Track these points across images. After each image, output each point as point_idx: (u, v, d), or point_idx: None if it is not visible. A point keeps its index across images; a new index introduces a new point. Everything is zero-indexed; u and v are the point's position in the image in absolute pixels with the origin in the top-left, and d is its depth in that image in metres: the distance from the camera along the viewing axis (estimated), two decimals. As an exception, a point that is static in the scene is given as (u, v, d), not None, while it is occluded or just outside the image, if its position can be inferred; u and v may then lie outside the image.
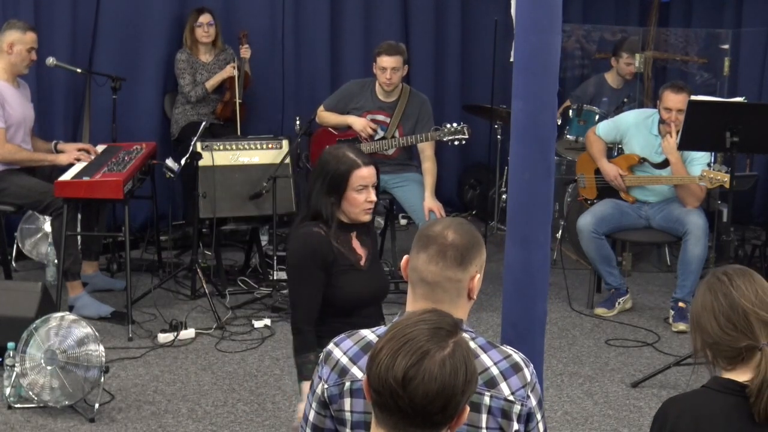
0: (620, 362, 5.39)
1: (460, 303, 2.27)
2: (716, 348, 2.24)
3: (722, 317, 2.21)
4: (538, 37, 3.09)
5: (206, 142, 6.20)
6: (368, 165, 3.40)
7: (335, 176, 3.37)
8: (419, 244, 2.28)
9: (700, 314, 2.26)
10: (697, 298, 2.28)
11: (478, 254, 2.29)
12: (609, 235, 6.08)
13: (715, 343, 2.23)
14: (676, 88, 5.87)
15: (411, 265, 2.29)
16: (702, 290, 2.28)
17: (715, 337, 2.23)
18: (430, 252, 2.25)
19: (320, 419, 2.28)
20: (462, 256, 2.24)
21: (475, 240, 2.29)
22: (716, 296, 2.24)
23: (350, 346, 2.27)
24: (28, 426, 4.49)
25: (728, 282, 2.24)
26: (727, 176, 5.57)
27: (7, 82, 5.82)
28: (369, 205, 3.40)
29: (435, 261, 2.24)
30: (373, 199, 3.41)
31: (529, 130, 3.12)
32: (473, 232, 2.31)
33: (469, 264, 2.25)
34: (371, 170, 3.40)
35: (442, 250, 2.24)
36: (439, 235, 2.26)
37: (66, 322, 4.61)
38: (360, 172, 3.37)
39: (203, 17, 6.98)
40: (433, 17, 8.32)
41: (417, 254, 2.27)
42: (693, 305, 2.30)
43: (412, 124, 6.24)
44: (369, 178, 3.39)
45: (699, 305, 2.27)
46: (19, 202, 5.79)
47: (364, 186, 3.38)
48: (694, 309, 2.28)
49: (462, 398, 1.75)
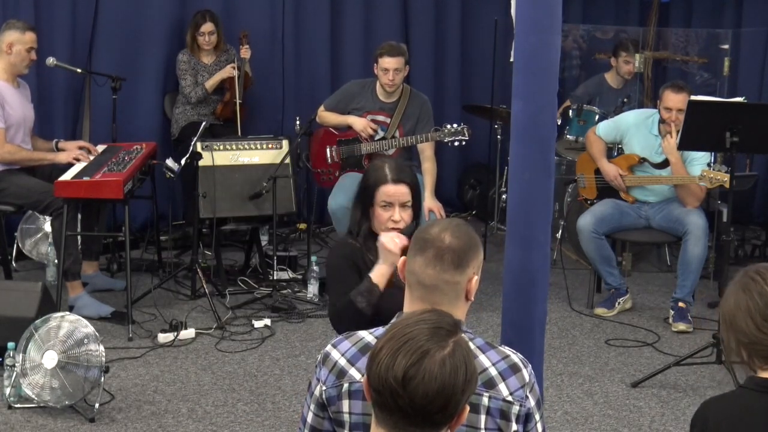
0: (620, 362, 5.38)
1: (458, 305, 2.27)
2: (752, 348, 2.21)
3: (759, 316, 2.18)
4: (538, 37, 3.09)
5: (206, 142, 6.20)
6: (397, 182, 3.27)
7: (365, 188, 3.31)
8: (416, 247, 2.28)
9: (735, 314, 2.22)
10: (729, 297, 2.25)
11: (475, 256, 2.29)
12: (609, 235, 6.08)
13: (751, 343, 2.20)
14: (676, 87, 5.87)
15: (408, 268, 2.28)
16: (735, 290, 2.24)
17: (752, 337, 2.20)
18: (427, 255, 2.24)
19: (318, 421, 2.28)
20: (459, 259, 2.24)
21: (472, 242, 2.29)
22: (751, 295, 2.20)
23: (348, 348, 2.27)
24: (28, 426, 4.49)
25: (762, 281, 2.21)
26: (727, 176, 5.57)
27: (6, 82, 5.82)
28: (392, 225, 3.27)
29: (432, 264, 2.23)
30: (396, 219, 3.26)
31: (529, 130, 3.12)
32: (470, 234, 2.31)
33: (466, 266, 2.25)
34: (400, 188, 3.27)
35: (440, 253, 2.23)
36: (436, 238, 2.26)
37: (66, 322, 4.61)
38: (386, 188, 3.26)
39: (205, 26, 6.96)
40: (433, 17, 8.32)
41: (414, 257, 2.27)
42: (725, 305, 2.26)
43: (412, 125, 6.24)
44: (395, 196, 3.26)
45: (732, 305, 2.23)
46: (19, 202, 5.79)
47: (389, 203, 3.27)
48: (726, 309, 2.25)
49: (462, 398, 1.75)
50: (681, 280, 5.90)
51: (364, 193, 3.30)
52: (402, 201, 3.27)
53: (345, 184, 6.23)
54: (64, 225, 5.51)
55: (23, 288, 5.16)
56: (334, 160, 6.37)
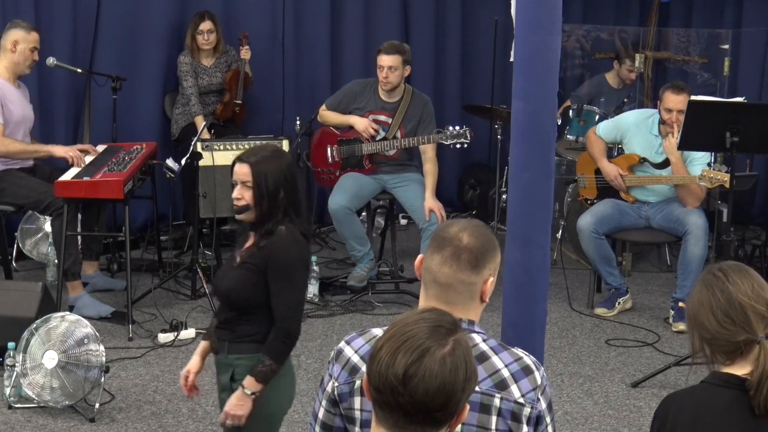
0: (620, 362, 5.39)
1: (473, 305, 2.27)
2: (714, 343, 2.25)
3: (720, 312, 2.23)
4: (538, 37, 3.09)
5: (206, 142, 6.20)
6: (243, 162, 3.27)
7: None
8: (434, 245, 2.27)
9: (698, 311, 2.27)
10: (693, 295, 2.29)
11: (493, 258, 2.28)
12: (609, 235, 6.08)
13: (713, 339, 2.24)
14: (676, 88, 5.87)
15: (425, 266, 2.28)
16: (698, 287, 2.29)
17: (714, 333, 2.24)
18: (444, 254, 2.24)
19: (330, 417, 2.28)
20: (476, 260, 2.24)
21: (490, 243, 2.29)
22: (713, 292, 2.24)
23: (361, 345, 2.27)
24: (28, 426, 4.49)
25: (724, 277, 2.25)
26: (727, 176, 5.57)
27: (7, 81, 5.82)
28: (235, 202, 3.29)
29: (449, 263, 2.23)
30: (235, 196, 3.27)
31: (529, 130, 3.11)
32: (489, 236, 2.30)
33: (483, 267, 2.25)
34: (242, 167, 3.26)
35: (457, 252, 2.23)
36: (454, 237, 2.25)
37: (66, 322, 4.61)
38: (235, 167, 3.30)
39: (204, 25, 6.96)
40: (433, 17, 8.32)
41: (431, 255, 2.26)
42: (689, 302, 2.30)
43: (414, 125, 6.24)
44: (237, 175, 3.27)
45: (696, 302, 2.28)
46: (19, 202, 5.79)
47: (235, 181, 3.28)
48: (690, 306, 2.29)
49: (462, 396, 1.75)
50: (681, 280, 5.90)
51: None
52: (242, 180, 3.26)
53: (345, 184, 6.23)
54: (64, 225, 5.51)
55: (23, 288, 5.16)
56: (334, 160, 6.37)
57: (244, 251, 3.32)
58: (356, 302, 6.16)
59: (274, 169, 3.26)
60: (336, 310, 6.05)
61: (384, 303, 6.19)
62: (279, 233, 3.25)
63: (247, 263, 3.27)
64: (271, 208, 3.24)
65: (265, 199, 3.23)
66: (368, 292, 6.23)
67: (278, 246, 3.25)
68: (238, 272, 3.29)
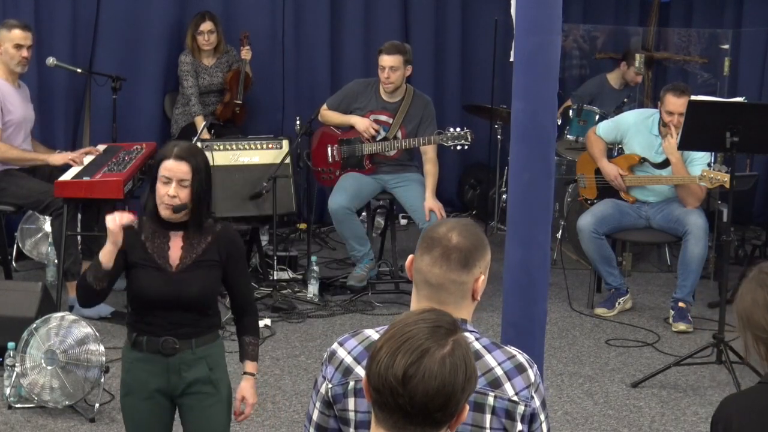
0: (620, 362, 5.39)
1: (464, 304, 2.27)
2: None
3: None
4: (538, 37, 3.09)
5: (206, 142, 6.20)
6: (180, 159, 3.20)
7: (153, 163, 3.31)
8: (423, 246, 2.27)
9: (752, 311, 2.22)
10: (745, 295, 2.24)
11: (483, 256, 2.28)
12: (609, 235, 6.08)
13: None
14: (677, 91, 5.85)
15: (415, 267, 2.28)
16: (750, 287, 2.24)
17: None
18: (434, 254, 2.24)
19: (324, 419, 2.28)
20: (466, 259, 2.23)
21: (479, 242, 2.28)
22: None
23: (354, 346, 2.27)
24: (28, 426, 4.49)
25: None
26: (727, 176, 5.57)
27: (7, 82, 5.81)
28: (167, 200, 3.21)
29: (439, 264, 2.23)
30: (172, 194, 3.20)
31: (529, 130, 3.12)
32: (478, 234, 2.30)
33: (473, 266, 2.25)
34: (179, 164, 3.20)
35: (446, 252, 2.23)
36: (443, 237, 2.25)
37: (66, 322, 4.61)
38: (166, 163, 3.21)
39: (204, 25, 6.95)
40: (433, 17, 8.31)
41: (421, 256, 2.26)
42: (740, 303, 2.25)
43: (415, 126, 6.24)
44: (173, 171, 3.19)
45: (749, 302, 2.23)
46: (19, 202, 5.78)
47: (168, 179, 3.20)
48: (742, 306, 2.24)
49: (462, 396, 1.75)
50: (681, 280, 5.90)
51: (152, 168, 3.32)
52: (179, 178, 3.21)
53: (345, 184, 6.23)
54: (64, 225, 5.51)
55: (23, 288, 5.16)
56: (335, 160, 6.37)
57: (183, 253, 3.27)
58: (356, 302, 6.16)
59: (206, 167, 3.29)
60: (336, 310, 6.05)
61: (384, 303, 6.19)
62: (217, 226, 3.33)
63: (205, 261, 3.29)
64: (207, 206, 3.29)
65: (203, 197, 3.25)
66: (368, 292, 6.23)
67: (232, 235, 3.38)
68: (200, 273, 3.29)
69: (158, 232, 3.29)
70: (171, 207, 3.21)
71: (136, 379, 3.35)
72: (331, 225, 6.93)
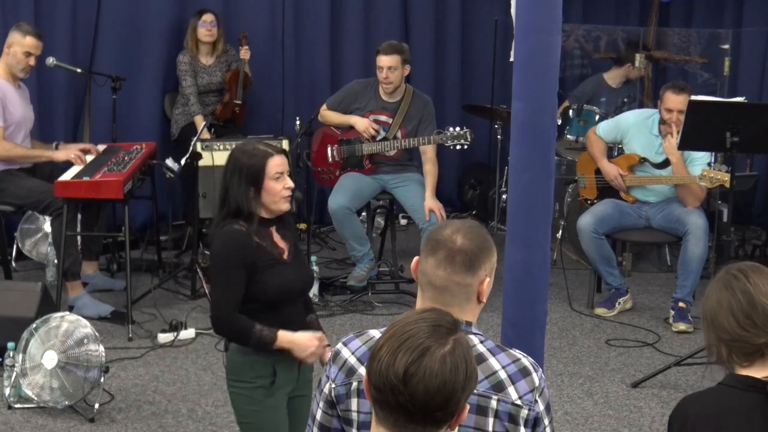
0: (620, 362, 5.38)
1: (469, 307, 2.26)
2: (733, 345, 2.22)
3: (741, 314, 2.19)
4: (538, 37, 3.09)
5: (206, 142, 6.20)
6: (279, 153, 3.37)
7: (251, 168, 3.33)
8: (428, 248, 2.26)
9: (716, 311, 2.23)
10: (711, 295, 2.26)
11: (488, 258, 2.26)
12: (609, 235, 6.08)
13: (732, 340, 2.21)
14: (677, 88, 5.87)
15: (420, 269, 2.27)
16: (717, 287, 2.25)
17: (733, 335, 2.21)
18: (438, 257, 2.22)
19: (327, 419, 2.28)
20: (471, 261, 2.22)
21: (484, 244, 2.26)
22: (733, 293, 2.21)
23: (358, 346, 2.26)
24: (28, 426, 4.49)
25: (744, 279, 2.22)
26: (727, 176, 5.57)
27: (7, 82, 5.82)
28: (287, 192, 3.35)
29: (443, 266, 2.22)
30: (290, 185, 3.35)
31: (529, 130, 3.11)
32: (484, 236, 2.28)
33: (478, 269, 2.23)
34: (283, 158, 3.37)
35: (451, 255, 2.22)
36: (447, 239, 2.24)
37: (66, 322, 4.61)
38: (274, 160, 3.33)
39: (206, 16, 6.96)
40: (433, 17, 8.32)
41: (426, 258, 2.25)
42: (706, 303, 2.26)
43: (414, 126, 6.24)
44: (283, 165, 3.35)
45: (714, 302, 2.24)
46: (19, 202, 5.79)
47: (281, 173, 3.33)
48: (708, 307, 2.25)
49: (462, 395, 1.75)
50: (681, 280, 5.90)
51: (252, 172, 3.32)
52: (288, 169, 3.37)
53: (345, 184, 6.23)
54: (64, 225, 5.51)
55: (23, 288, 5.16)
56: (335, 160, 6.37)
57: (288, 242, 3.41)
58: (356, 302, 6.16)
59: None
60: (336, 310, 6.05)
61: (384, 303, 6.19)
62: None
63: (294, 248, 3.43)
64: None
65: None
66: (368, 292, 6.23)
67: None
68: (301, 259, 3.49)
69: (261, 231, 3.36)
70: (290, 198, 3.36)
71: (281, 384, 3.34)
72: (330, 225, 6.94)
